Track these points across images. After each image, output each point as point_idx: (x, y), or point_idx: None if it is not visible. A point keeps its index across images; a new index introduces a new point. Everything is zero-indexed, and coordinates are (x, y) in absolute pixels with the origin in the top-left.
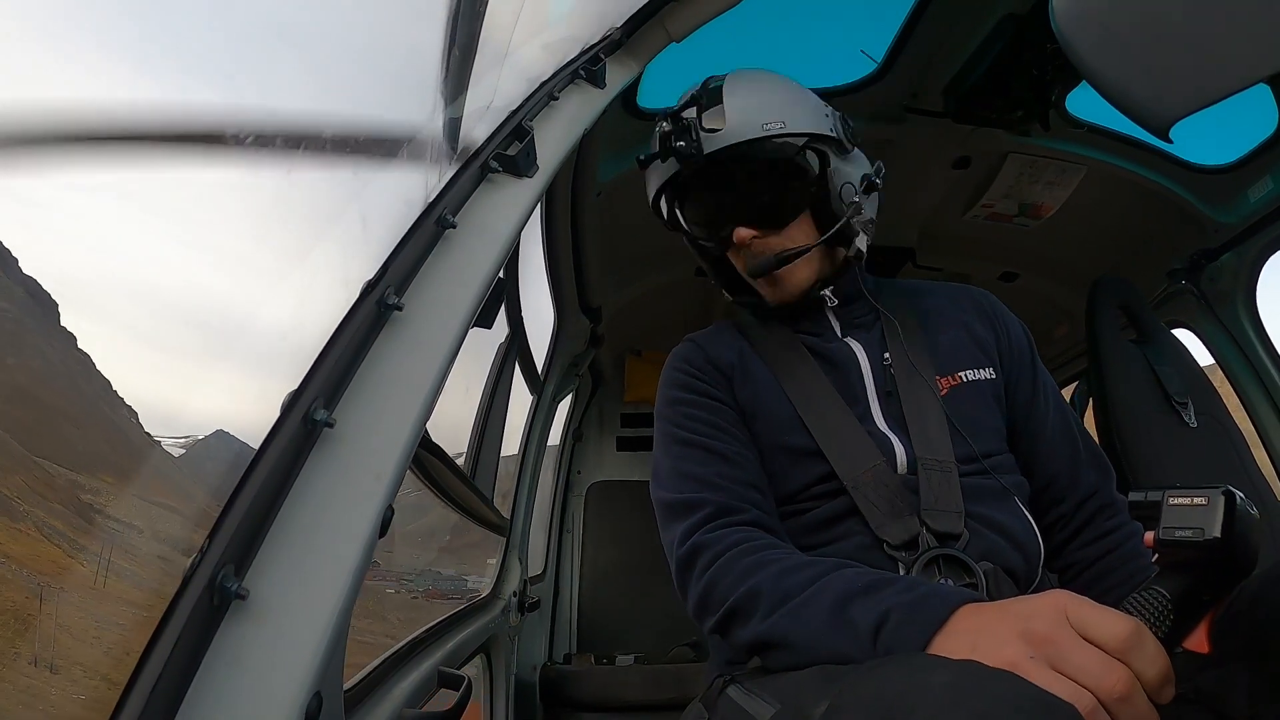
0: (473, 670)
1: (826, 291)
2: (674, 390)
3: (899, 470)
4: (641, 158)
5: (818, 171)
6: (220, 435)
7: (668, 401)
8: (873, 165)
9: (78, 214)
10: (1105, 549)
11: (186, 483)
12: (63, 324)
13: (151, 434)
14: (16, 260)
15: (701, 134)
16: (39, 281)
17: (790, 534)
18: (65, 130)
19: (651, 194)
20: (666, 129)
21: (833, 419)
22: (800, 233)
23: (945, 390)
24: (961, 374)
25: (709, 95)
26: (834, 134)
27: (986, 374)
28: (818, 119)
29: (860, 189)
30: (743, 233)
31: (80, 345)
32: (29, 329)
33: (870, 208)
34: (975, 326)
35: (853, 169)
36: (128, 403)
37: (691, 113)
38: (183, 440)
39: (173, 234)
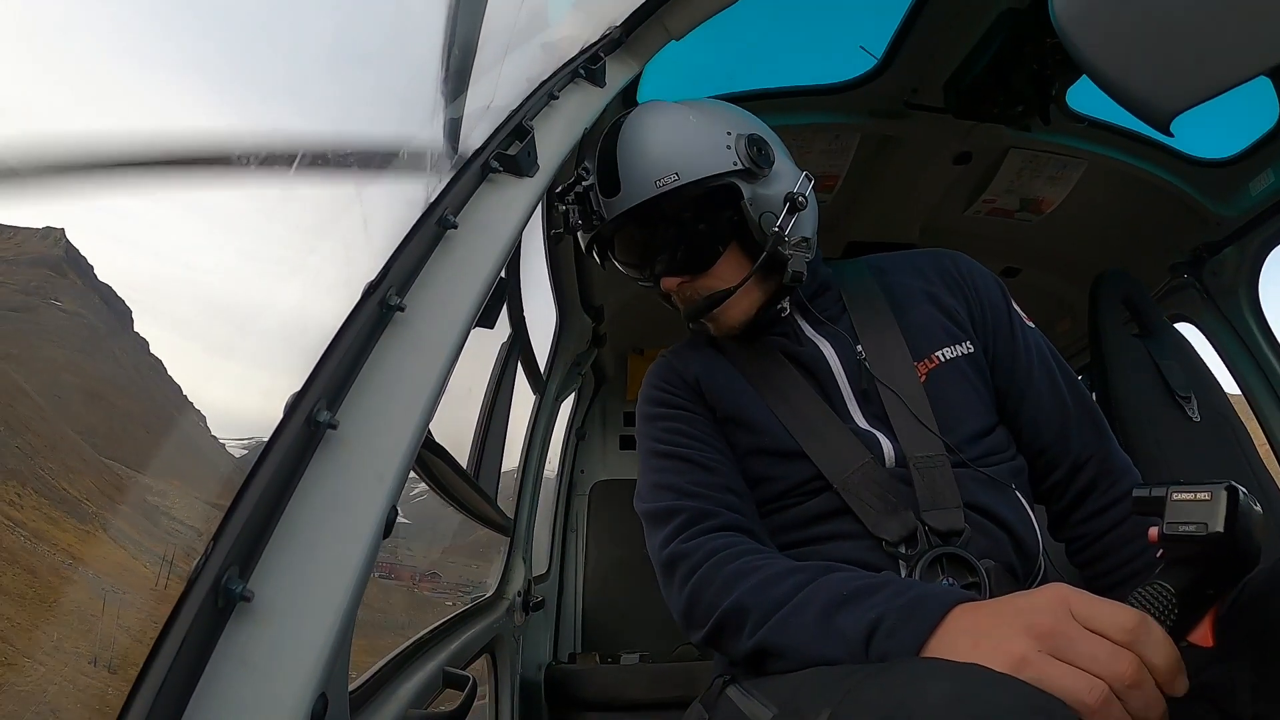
0: (478, 670)
1: (785, 302)
2: (649, 406)
3: (887, 464)
4: (553, 233)
5: (731, 208)
6: None
7: (644, 418)
8: (798, 176)
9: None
10: (1108, 524)
11: None
12: (136, 329)
13: (218, 438)
14: (93, 267)
15: (601, 202)
16: (114, 288)
17: (780, 532)
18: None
19: (584, 248)
20: (564, 208)
21: (813, 421)
22: (730, 268)
23: (924, 375)
24: (938, 354)
25: (604, 156)
26: (739, 165)
27: (964, 349)
28: (716, 156)
29: (783, 211)
30: (669, 282)
31: (153, 350)
32: (103, 334)
33: (805, 223)
34: (944, 298)
35: (773, 190)
36: (197, 407)
37: (590, 179)
38: (246, 442)
39: (182, 242)
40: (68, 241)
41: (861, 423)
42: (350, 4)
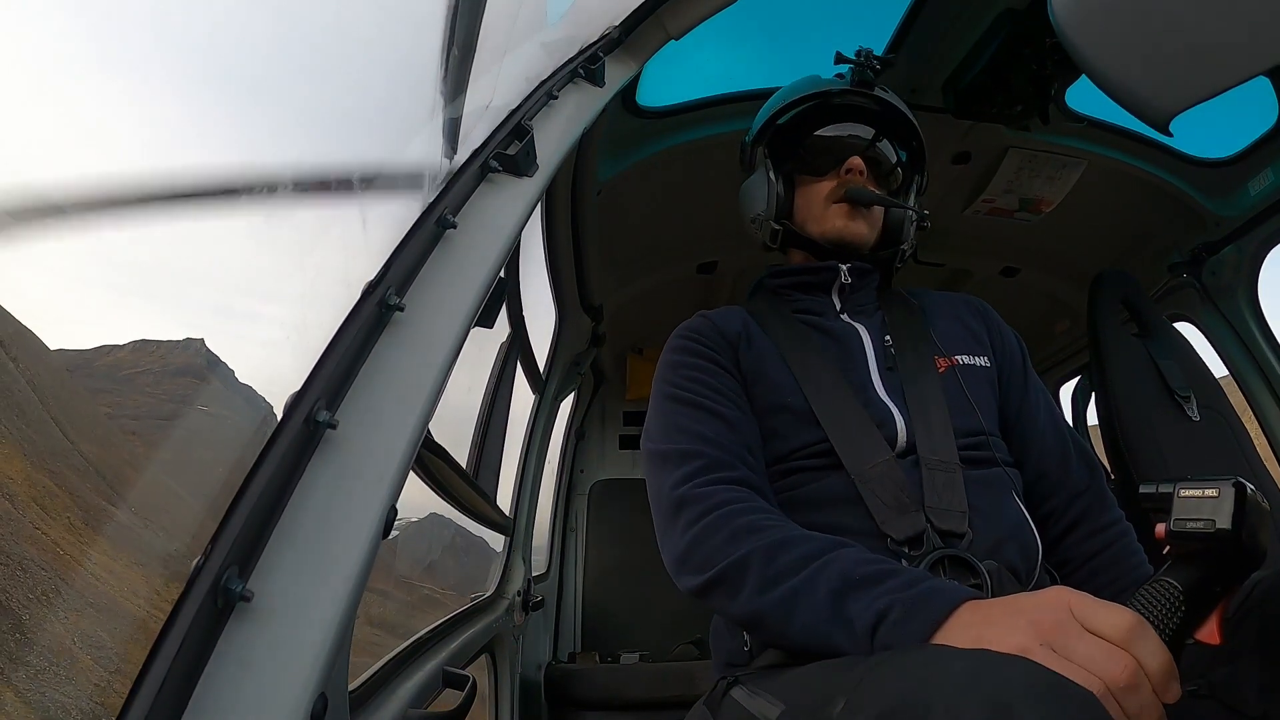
0: (477, 670)
1: (844, 268)
2: (677, 355)
3: (898, 443)
4: (831, 69)
5: (919, 167)
6: (434, 518)
7: (669, 366)
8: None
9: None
10: (1100, 545)
11: (402, 565)
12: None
13: None
14: (233, 371)
15: (876, 81)
16: (254, 388)
17: (790, 507)
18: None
19: (788, 100)
20: (850, 57)
21: (832, 393)
22: (900, 191)
23: (943, 369)
24: (959, 357)
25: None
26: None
27: (982, 361)
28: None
29: (913, 197)
30: (857, 161)
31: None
32: (246, 432)
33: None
34: (970, 321)
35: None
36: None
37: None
38: (399, 521)
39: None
40: (207, 350)
41: (881, 394)
42: (349, 5)
